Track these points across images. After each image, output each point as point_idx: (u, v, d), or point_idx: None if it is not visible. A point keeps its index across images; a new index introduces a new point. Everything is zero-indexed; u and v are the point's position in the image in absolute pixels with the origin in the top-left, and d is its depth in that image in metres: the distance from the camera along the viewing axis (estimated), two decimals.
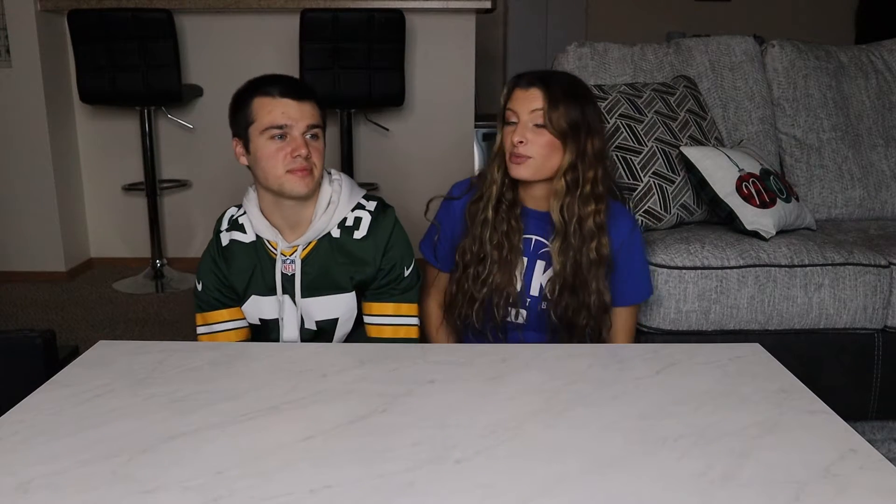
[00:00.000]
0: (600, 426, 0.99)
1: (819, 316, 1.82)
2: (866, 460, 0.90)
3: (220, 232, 1.55)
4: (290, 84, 1.45)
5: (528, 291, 1.58)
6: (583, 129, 1.50)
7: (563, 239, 1.52)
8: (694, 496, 0.83)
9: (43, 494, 0.83)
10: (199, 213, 3.62)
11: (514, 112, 1.52)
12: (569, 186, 1.51)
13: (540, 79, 1.52)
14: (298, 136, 1.42)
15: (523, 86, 1.52)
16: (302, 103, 1.42)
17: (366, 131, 3.58)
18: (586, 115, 1.51)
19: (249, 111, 1.43)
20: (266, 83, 1.45)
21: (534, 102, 1.49)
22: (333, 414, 1.03)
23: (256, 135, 1.43)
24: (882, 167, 2.31)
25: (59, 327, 2.87)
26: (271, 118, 1.41)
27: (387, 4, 3.26)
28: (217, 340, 1.55)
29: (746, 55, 2.35)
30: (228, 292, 1.55)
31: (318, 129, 1.45)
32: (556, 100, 1.48)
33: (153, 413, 1.02)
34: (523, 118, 1.50)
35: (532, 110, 1.49)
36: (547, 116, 1.48)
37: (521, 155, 1.50)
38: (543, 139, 1.49)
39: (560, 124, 1.48)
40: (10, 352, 1.39)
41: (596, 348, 1.41)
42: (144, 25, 3.10)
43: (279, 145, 1.41)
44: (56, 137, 3.43)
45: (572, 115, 1.49)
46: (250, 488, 0.84)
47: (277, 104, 1.41)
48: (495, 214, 1.55)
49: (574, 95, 1.51)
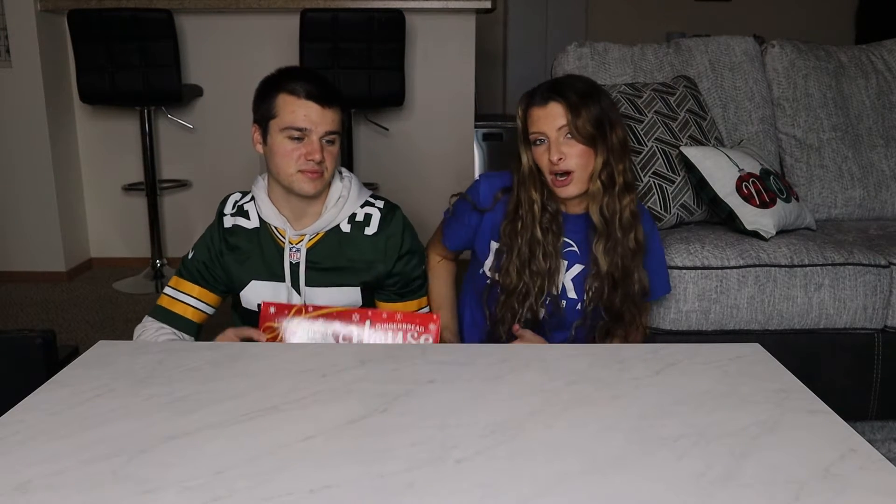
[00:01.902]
0: (600, 426, 0.99)
1: (819, 316, 1.82)
2: (866, 460, 0.90)
3: (224, 215, 1.57)
4: (318, 86, 1.45)
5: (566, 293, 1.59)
6: (606, 124, 1.50)
7: (608, 238, 1.52)
8: (694, 496, 0.83)
9: (43, 494, 0.83)
10: (199, 213, 3.62)
11: (540, 133, 1.51)
12: (605, 186, 1.51)
13: (553, 91, 1.51)
14: (316, 140, 1.43)
15: (539, 103, 1.51)
16: (325, 109, 1.44)
17: (366, 131, 3.58)
18: (605, 110, 1.51)
19: (273, 105, 1.45)
20: (295, 79, 1.45)
21: (557, 118, 1.49)
22: (333, 414, 1.03)
23: (276, 130, 1.45)
24: (882, 167, 2.31)
25: (59, 327, 2.87)
26: (293, 118, 1.43)
27: (387, 4, 3.26)
28: (174, 309, 1.55)
29: (746, 55, 2.35)
30: (213, 271, 1.56)
31: (335, 136, 1.47)
32: (576, 107, 1.48)
33: (153, 413, 1.02)
34: (552, 136, 1.49)
35: (559, 127, 1.49)
36: (573, 126, 1.48)
37: (564, 171, 1.49)
38: (577, 149, 1.49)
39: (587, 130, 1.48)
40: (10, 352, 1.39)
41: (596, 348, 1.41)
42: (144, 25, 3.10)
43: (295, 146, 1.43)
44: (56, 137, 3.43)
45: (594, 115, 1.49)
46: (250, 488, 0.84)
47: (301, 106, 1.42)
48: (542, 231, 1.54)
49: (588, 95, 1.50)
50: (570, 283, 1.58)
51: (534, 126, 1.52)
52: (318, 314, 1.37)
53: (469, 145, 3.64)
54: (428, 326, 1.40)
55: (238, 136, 3.36)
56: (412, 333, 1.40)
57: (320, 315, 1.38)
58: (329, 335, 1.39)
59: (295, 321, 1.39)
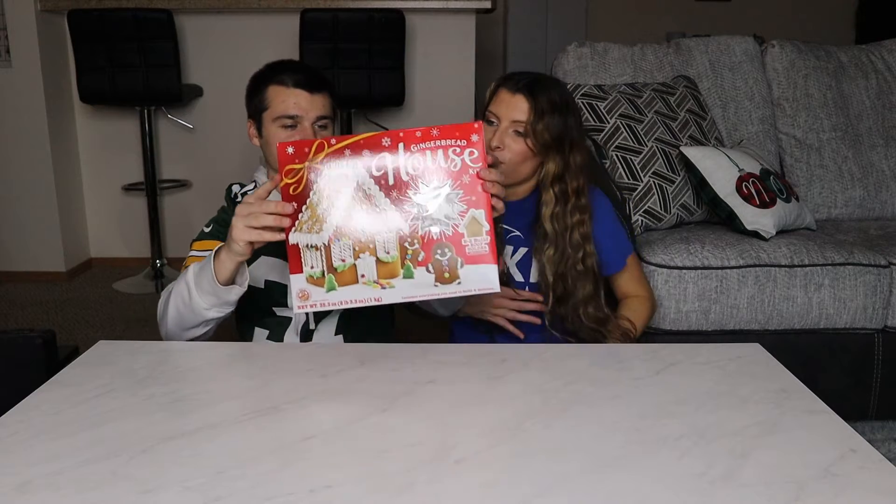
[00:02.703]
0: (600, 426, 0.99)
1: (819, 316, 1.82)
2: (866, 460, 0.90)
3: (234, 193, 1.58)
4: (305, 74, 1.49)
5: (513, 277, 1.58)
6: (566, 142, 1.50)
7: (556, 248, 1.52)
8: (694, 496, 0.83)
9: (43, 494, 0.83)
10: (199, 213, 3.62)
11: (496, 115, 1.51)
12: (557, 197, 1.51)
13: (527, 86, 1.50)
14: (308, 126, 1.46)
15: (510, 89, 1.51)
16: (314, 95, 1.47)
17: (366, 131, 3.58)
18: (570, 128, 1.50)
19: (264, 97, 1.49)
20: (282, 70, 1.49)
21: (517, 111, 1.48)
22: (333, 414, 1.03)
23: (269, 121, 1.48)
24: (882, 167, 2.31)
25: (59, 327, 2.87)
26: (284, 107, 1.46)
27: (387, 4, 3.26)
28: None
29: (746, 55, 2.36)
30: None
31: (327, 121, 1.50)
32: (540, 112, 1.47)
33: (153, 413, 1.02)
34: (504, 123, 1.50)
35: (514, 119, 1.49)
36: (530, 127, 1.47)
37: (496, 160, 1.48)
38: (519, 147, 1.49)
39: (543, 137, 1.47)
40: (10, 352, 1.39)
41: (596, 348, 1.41)
42: (144, 25, 3.10)
43: (289, 134, 1.46)
44: (56, 137, 3.43)
45: (556, 128, 1.48)
46: (250, 488, 0.84)
47: (290, 94, 1.46)
48: None
49: (559, 108, 1.49)
50: (515, 267, 1.59)
51: (494, 106, 1.52)
52: (342, 146, 1.19)
53: None
54: (470, 138, 1.19)
55: (238, 135, 3.35)
56: (454, 150, 1.20)
57: (345, 146, 1.19)
58: (361, 171, 1.19)
59: (319, 161, 1.19)
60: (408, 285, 1.18)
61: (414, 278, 1.18)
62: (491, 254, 1.19)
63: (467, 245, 1.18)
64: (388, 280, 1.18)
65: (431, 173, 1.18)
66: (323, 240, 1.18)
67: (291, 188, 1.19)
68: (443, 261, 1.18)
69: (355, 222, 1.18)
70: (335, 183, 1.18)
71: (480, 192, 1.18)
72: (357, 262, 1.18)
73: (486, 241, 1.18)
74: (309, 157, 1.18)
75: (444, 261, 1.18)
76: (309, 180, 1.19)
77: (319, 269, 1.18)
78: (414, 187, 1.18)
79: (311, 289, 1.18)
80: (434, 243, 1.18)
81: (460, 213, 1.18)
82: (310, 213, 1.18)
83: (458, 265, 1.18)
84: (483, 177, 1.18)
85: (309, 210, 1.18)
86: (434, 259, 1.18)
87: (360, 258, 1.18)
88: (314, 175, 1.18)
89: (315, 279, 1.18)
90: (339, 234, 1.18)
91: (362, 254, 1.18)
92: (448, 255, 1.18)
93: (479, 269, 1.19)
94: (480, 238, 1.18)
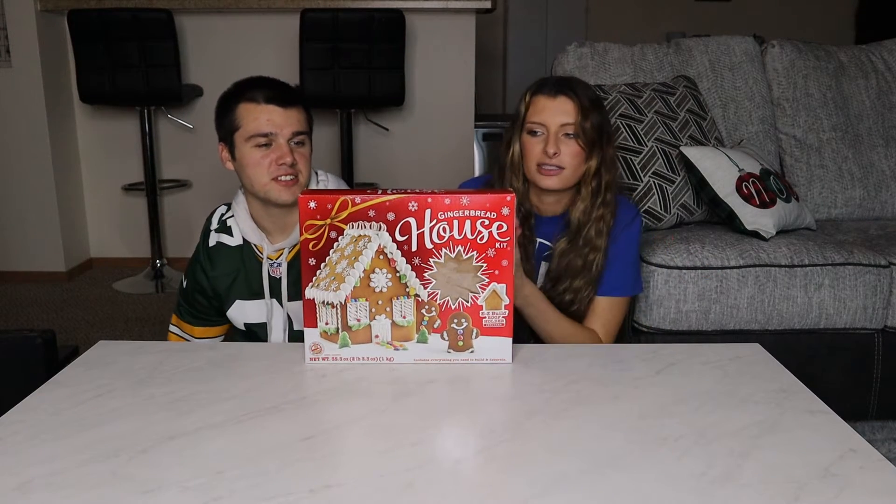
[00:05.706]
0: (600, 426, 0.99)
1: (819, 316, 1.82)
2: (866, 460, 0.90)
3: (210, 231, 1.55)
4: (276, 90, 1.42)
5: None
6: (605, 135, 1.50)
7: (571, 240, 1.52)
8: (694, 496, 0.83)
9: (43, 494, 0.83)
10: (199, 213, 3.60)
11: (541, 123, 1.48)
12: (593, 192, 1.50)
13: (566, 87, 1.49)
14: (284, 143, 1.39)
15: (548, 94, 1.49)
16: (288, 110, 1.40)
17: (366, 131, 3.58)
18: (606, 122, 1.51)
19: (234, 117, 1.41)
20: (251, 87, 1.42)
21: (564, 114, 1.47)
22: (333, 414, 1.03)
23: (242, 142, 1.41)
24: (882, 167, 2.31)
25: (59, 327, 2.87)
26: (256, 125, 1.39)
27: (387, 4, 3.26)
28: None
29: (746, 55, 2.36)
30: (208, 297, 1.55)
31: (303, 136, 1.43)
32: (586, 109, 1.47)
33: (153, 413, 1.02)
34: (553, 129, 1.47)
35: (563, 123, 1.47)
36: (579, 126, 1.46)
37: (555, 166, 1.47)
38: (574, 149, 1.47)
39: (591, 134, 1.47)
40: (10, 352, 1.39)
41: (596, 348, 1.41)
42: (144, 25, 3.11)
43: (264, 153, 1.39)
44: (56, 137, 3.43)
45: (599, 122, 1.48)
46: (250, 488, 0.84)
47: (262, 111, 1.39)
48: None
49: (596, 104, 1.50)
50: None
51: (536, 115, 1.49)
52: (366, 205, 1.14)
53: (469, 145, 3.64)
54: (501, 211, 1.15)
55: None
56: (482, 221, 1.15)
57: (370, 206, 1.14)
58: (384, 235, 1.15)
59: (341, 220, 1.15)
60: (421, 349, 1.18)
61: (427, 343, 1.18)
62: (508, 326, 1.18)
63: (485, 317, 1.18)
64: (401, 343, 1.18)
65: (457, 243, 1.15)
66: (340, 298, 1.16)
67: (311, 244, 1.16)
68: (458, 330, 1.18)
69: (374, 285, 1.16)
70: (356, 244, 1.16)
71: (505, 265, 1.16)
72: (372, 324, 1.17)
73: (504, 315, 1.18)
74: (331, 215, 1.15)
75: (460, 330, 1.18)
76: (329, 238, 1.16)
77: (334, 326, 1.18)
78: (437, 255, 1.15)
79: (324, 343, 1.18)
80: (452, 312, 1.17)
81: (481, 286, 1.16)
82: (328, 270, 1.16)
83: (474, 335, 1.18)
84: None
85: (328, 267, 1.16)
86: (450, 327, 1.18)
87: (375, 319, 1.17)
88: (335, 233, 1.16)
89: (329, 335, 1.18)
90: (357, 294, 1.16)
91: (378, 316, 1.17)
92: (465, 325, 1.18)
93: (494, 341, 1.18)
94: (499, 312, 1.17)
